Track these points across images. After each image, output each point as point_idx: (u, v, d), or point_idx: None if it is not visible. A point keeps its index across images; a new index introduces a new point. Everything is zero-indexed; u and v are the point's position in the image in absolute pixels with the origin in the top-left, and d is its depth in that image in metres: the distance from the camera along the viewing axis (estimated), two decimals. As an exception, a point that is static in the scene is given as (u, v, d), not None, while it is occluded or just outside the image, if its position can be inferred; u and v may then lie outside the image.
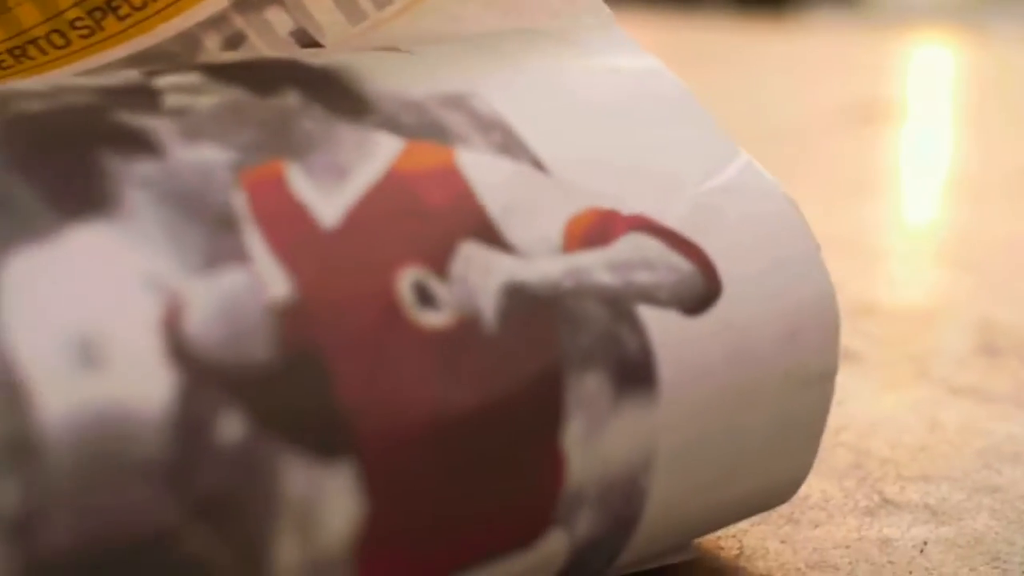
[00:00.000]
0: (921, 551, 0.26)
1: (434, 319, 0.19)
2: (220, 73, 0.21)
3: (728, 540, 0.27)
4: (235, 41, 0.24)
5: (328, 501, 0.17)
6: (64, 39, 0.24)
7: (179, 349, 0.16)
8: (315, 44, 0.25)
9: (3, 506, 0.15)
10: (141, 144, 0.18)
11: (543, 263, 0.20)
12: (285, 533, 0.17)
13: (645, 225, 0.22)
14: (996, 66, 1.39)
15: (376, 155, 0.20)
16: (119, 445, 0.15)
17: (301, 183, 0.19)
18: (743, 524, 0.27)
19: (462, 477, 0.19)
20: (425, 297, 0.19)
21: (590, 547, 0.21)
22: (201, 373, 0.16)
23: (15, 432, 0.15)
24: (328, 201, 0.19)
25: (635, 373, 0.21)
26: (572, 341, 0.20)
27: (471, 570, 0.19)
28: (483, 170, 0.21)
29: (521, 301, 0.20)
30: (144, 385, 0.16)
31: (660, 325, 0.21)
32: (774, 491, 0.24)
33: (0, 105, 0.18)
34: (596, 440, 0.20)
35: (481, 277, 0.20)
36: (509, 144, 0.22)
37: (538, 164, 0.22)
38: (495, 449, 0.19)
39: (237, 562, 0.16)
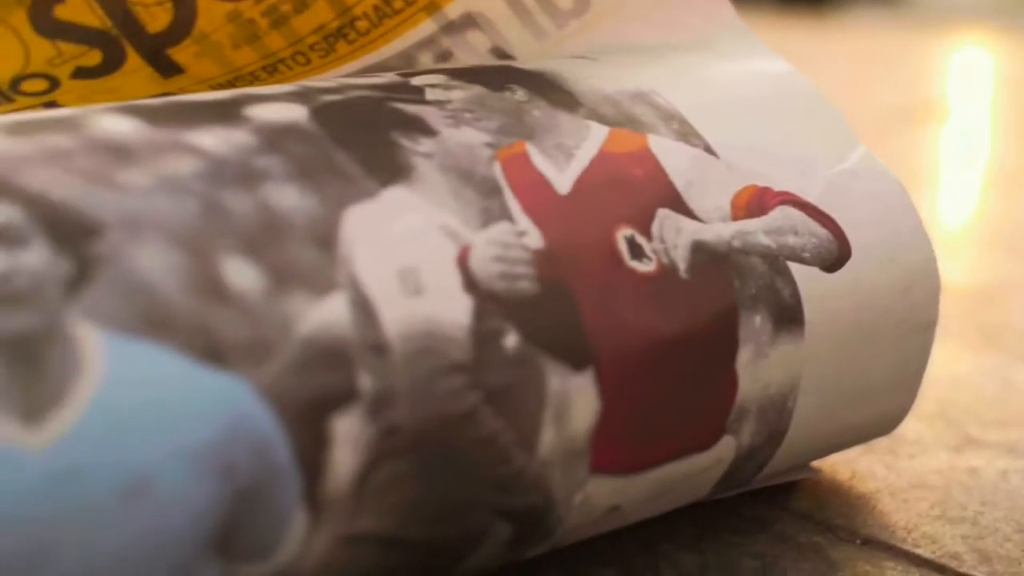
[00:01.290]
0: (1003, 477, 0.31)
1: (643, 267, 0.24)
2: (459, 75, 0.26)
3: (841, 466, 0.32)
4: (444, 57, 0.30)
5: (576, 399, 0.22)
6: (305, 59, 0.29)
7: (470, 282, 0.22)
8: (510, 58, 0.30)
9: (364, 391, 0.20)
10: (419, 127, 0.24)
11: (718, 227, 0.26)
12: (548, 421, 0.22)
13: (791, 200, 0.27)
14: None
15: (590, 138, 0.25)
16: (437, 350, 0.21)
17: (539, 159, 0.24)
18: (851, 453, 0.33)
19: (666, 388, 0.24)
20: (635, 250, 0.24)
21: (748, 455, 0.26)
22: (486, 300, 0.22)
23: (369, 337, 0.20)
24: (560, 174, 0.24)
25: (788, 315, 0.26)
26: (743, 288, 0.25)
27: (666, 465, 0.25)
28: (670, 153, 0.26)
29: (704, 255, 0.25)
30: (450, 307, 0.21)
31: (805, 279, 0.27)
32: (884, 420, 0.30)
33: (309, 97, 0.24)
34: (759, 366, 0.26)
35: (674, 236, 0.25)
36: (686, 132, 0.27)
37: (709, 149, 0.27)
38: (689, 368, 0.24)
39: (517, 440, 0.22)
